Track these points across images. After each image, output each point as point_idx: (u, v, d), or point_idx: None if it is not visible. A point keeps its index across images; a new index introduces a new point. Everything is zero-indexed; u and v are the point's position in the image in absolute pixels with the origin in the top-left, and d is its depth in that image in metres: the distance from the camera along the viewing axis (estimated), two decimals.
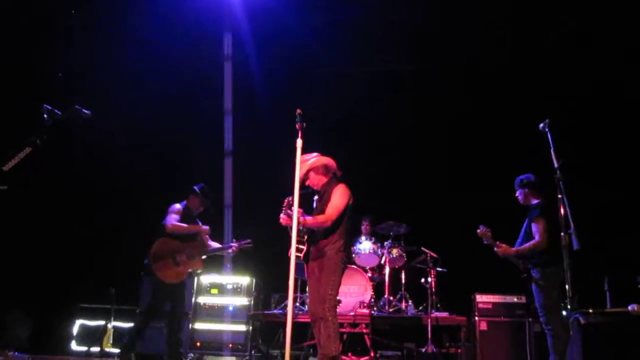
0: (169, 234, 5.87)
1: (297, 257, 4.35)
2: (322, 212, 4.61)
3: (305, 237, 4.62)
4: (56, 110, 3.81)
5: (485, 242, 5.46)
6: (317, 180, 4.79)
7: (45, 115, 3.77)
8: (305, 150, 4.32)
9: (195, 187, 6.20)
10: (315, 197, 4.82)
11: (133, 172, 8.20)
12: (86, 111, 3.97)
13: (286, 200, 4.48)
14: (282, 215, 4.48)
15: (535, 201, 5.51)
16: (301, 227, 4.48)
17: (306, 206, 4.63)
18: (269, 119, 8.20)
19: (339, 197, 4.62)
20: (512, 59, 7.82)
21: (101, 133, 7.58)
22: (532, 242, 5.27)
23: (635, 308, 2.91)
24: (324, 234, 4.61)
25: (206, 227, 6.12)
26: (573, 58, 7.52)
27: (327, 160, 4.82)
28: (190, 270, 6.02)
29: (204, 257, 6.10)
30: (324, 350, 4.36)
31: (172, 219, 5.90)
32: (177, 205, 6.05)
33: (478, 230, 5.47)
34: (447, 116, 8.15)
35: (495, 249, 5.44)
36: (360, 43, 8.20)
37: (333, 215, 4.56)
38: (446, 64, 8.12)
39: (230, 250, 6.22)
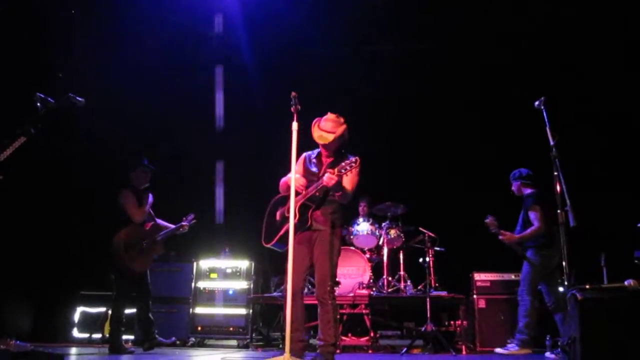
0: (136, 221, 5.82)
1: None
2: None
3: (311, 208, 4.32)
4: (49, 99, 3.79)
5: (492, 231, 5.82)
6: (335, 145, 4.43)
7: (38, 104, 3.74)
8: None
9: (135, 162, 6.08)
10: (314, 160, 4.52)
11: (131, 159, 8.18)
12: (80, 99, 3.95)
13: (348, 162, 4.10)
14: (330, 175, 4.06)
15: (528, 191, 5.78)
16: (318, 195, 4.26)
17: None
18: (262, 102, 8.19)
19: (357, 175, 4.37)
20: (513, 39, 7.81)
21: (96, 121, 7.56)
22: (532, 228, 5.71)
23: (632, 283, 2.93)
24: (328, 205, 4.37)
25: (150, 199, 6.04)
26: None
27: (344, 129, 4.48)
28: (155, 255, 6.02)
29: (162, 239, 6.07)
30: (325, 337, 4.21)
31: (135, 210, 5.82)
32: (129, 193, 5.90)
33: (486, 220, 5.84)
34: (445, 96, 8.14)
35: (500, 237, 5.82)
36: (353, 23, 8.16)
37: (353, 191, 4.37)
38: (446, 43, 8.09)
39: (182, 229, 6.17)
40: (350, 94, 8.21)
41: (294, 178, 4.02)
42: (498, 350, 5.67)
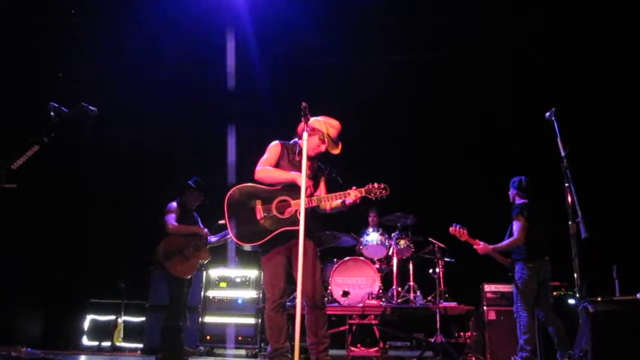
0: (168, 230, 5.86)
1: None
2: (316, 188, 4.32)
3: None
4: (63, 108, 3.83)
5: (462, 240, 5.70)
6: (318, 150, 4.33)
7: (52, 113, 3.78)
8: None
9: (190, 182, 6.13)
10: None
11: (140, 167, 8.24)
12: (92, 108, 3.98)
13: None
14: (357, 194, 4.12)
15: (520, 201, 5.68)
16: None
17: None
18: (272, 112, 8.23)
19: None
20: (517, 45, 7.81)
21: (106, 129, 7.62)
22: (510, 239, 5.58)
23: None
24: (319, 215, 4.33)
25: (206, 230, 6.04)
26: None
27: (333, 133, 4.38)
28: (200, 261, 6.01)
29: (208, 246, 6.08)
30: (323, 339, 4.14)
31: (172, 219, 5.89)
32: (174, 204, 6.01)
33: (450, 229, 5.73)
34: (455, 106, 8.13)
35: (474, 246, 5.69)
36: (363, 33, 8.19)
37: None
38: (452, 52, 8.09)
39: (229, 236, 6.05)
40: (359, 103, 8.23)
41: (304, 183, 3.89)
42: None
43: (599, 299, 2.96)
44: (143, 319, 7.27)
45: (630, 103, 7.33)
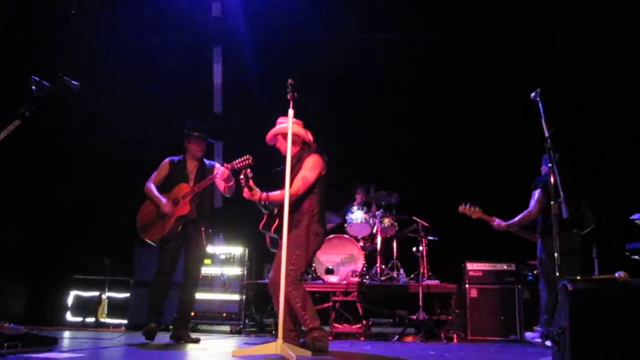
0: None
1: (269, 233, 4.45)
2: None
3: (275, 210, 4.39)
4: (44, 82, 3.77)
5: (474, 218, 5.58)
6: (284, 147, 4.39)
7: (33, 87, 3.73)
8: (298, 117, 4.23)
9: (186, 130, 5.44)
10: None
11: (126, 140, 8.15)
12: (75, 82, 3.92)
13: (243, 173, 4.18)
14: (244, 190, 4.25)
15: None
16: (264, 202, 4.27)
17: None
18: (260, 87, 8.18)
19: (310, 169, 4.40)
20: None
21: (93, 99, 7.52)
22: (524, 212, 5.47)
23: (622, 274, 2.96)
24: (294, 206, 4.32)
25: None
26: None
27: (297, 129, 4.48)
28: (178, 216, 5.17)
29: (190, 197, 5.22)
30: (303, 324, 4.31)
31: (150, 180, 5.39)
32: (164, 162, 5.47)
33: (460, 207, 5.62)
34: (441, 86, 8.11)
35: (491, 223, 5.61)
36: (351, 10, 8.13)
37: (300, 188, 4.33)
38: (445, 32, 8.05)
39: (219, 175, 5.16)
40: (345, 82, 8.19)
41: (289, 157, 4.05)
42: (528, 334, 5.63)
43: (578, 277, 3.01)
44: (127, 295, 7.27)
45: (618, 83, 7.38)
